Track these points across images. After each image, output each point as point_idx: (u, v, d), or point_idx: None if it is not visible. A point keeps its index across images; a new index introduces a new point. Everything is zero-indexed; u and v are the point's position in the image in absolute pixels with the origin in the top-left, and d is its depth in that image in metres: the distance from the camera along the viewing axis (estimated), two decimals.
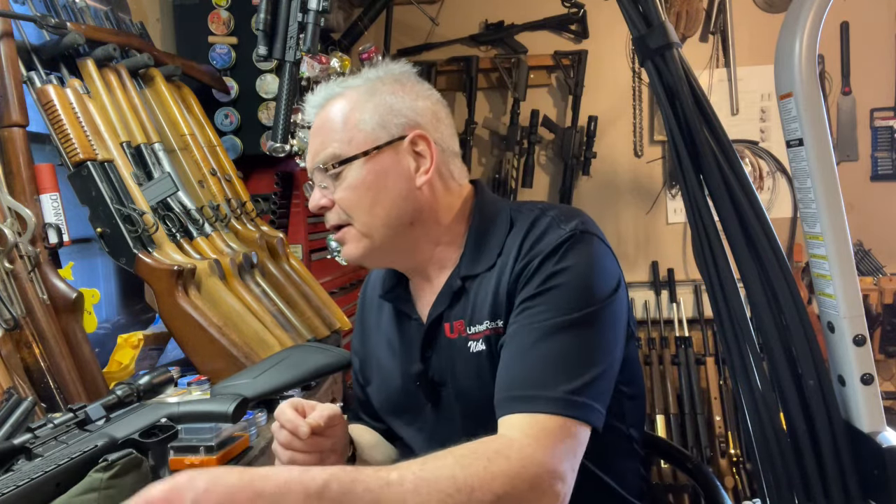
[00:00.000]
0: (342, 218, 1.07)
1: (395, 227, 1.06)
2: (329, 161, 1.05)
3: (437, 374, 1.09)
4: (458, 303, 1.08)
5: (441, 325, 1.09)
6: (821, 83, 2.03)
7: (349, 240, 1.08)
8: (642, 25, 1.61)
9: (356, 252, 1.08)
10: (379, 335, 1.21)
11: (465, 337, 1.06)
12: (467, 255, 1.09)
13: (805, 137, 1.51)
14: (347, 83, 1.10)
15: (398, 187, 1.05)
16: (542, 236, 1.02)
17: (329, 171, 1.05)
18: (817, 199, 1.52)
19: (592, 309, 0.97)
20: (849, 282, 1.51)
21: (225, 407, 1.05)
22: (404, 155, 1.06)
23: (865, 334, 1.50)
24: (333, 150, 1.05)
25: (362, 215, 1.05)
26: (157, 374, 1.10)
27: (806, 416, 1.53)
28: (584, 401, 0.91)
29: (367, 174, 1.04)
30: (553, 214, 1.06)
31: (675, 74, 1.59)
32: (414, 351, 1.11)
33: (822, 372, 1.52)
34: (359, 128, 1.05)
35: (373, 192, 1.04)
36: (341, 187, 1.05)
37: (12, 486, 0.79)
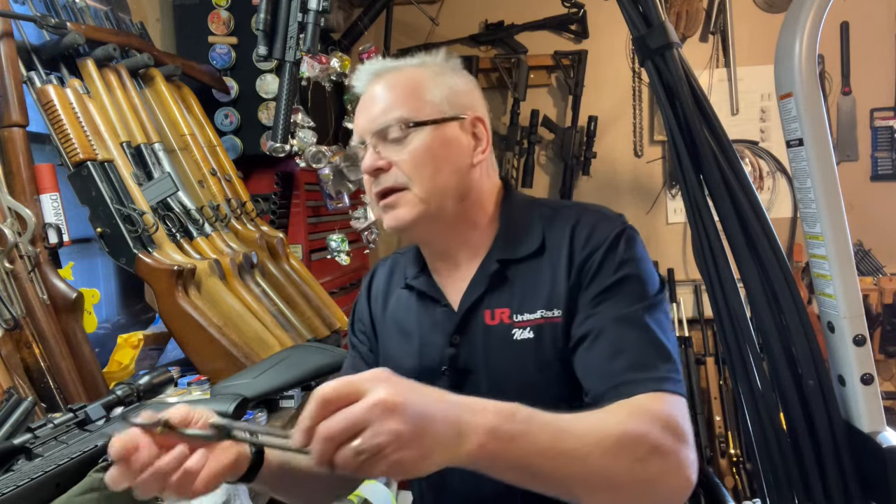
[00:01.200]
0: (399, 181, 1.06)
1: (451, 198, 1.07)
2: (397, 123, 1.06)
3: (465, 361, 1.09)
4: (500, 289, 1.08)
5: (478, 312, 1.09)
6: (821, 83, 2.04)
7: (404, 204, 1.06)
8: (642, 25, 1.61)
9: (409, 216, 1.06)
10: (386, 324, 1.20)
11: (508, 324, 1.06)
12: (500, 241, 1.11)
13: (805, 137, 1.52)
14: (404, 62, 1.13)
15: (458, 161, 1.08)
16: (596, 228, 1.07)
17: (393, 135, 1.06)
18: (817, 199, 1.52)
19: (660, 293, 1.04)
20: (849, 282, 1.51)
21: (225, 407, 1.05)
22: (466, 133, 1.10)
23: (865, 334, 1.50)
24: (401, 114, 1.06)
25: (424, 180, 1.05)
26: (157, 374, 1.10)
27: (806, 416, 1.53)
28: (677, 377, 0.97)
29: (433, 141, 1.06)
30: (595, 210, 1.12)
31: (675, 74, 1.59)
32: (439, 337, 1.11)
33: (822, 372, 1.52)
34: (426, 99, 1.08)
35: (437, 160, 1.06)
36: (405, 150, 1.06)
37: (12, 486, 0.79)
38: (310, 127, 2.17)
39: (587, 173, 3.35)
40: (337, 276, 2.52)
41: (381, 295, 1.23)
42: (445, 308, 1.12)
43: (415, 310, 1.16)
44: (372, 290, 1.25)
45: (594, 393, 0.98)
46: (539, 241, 1.09)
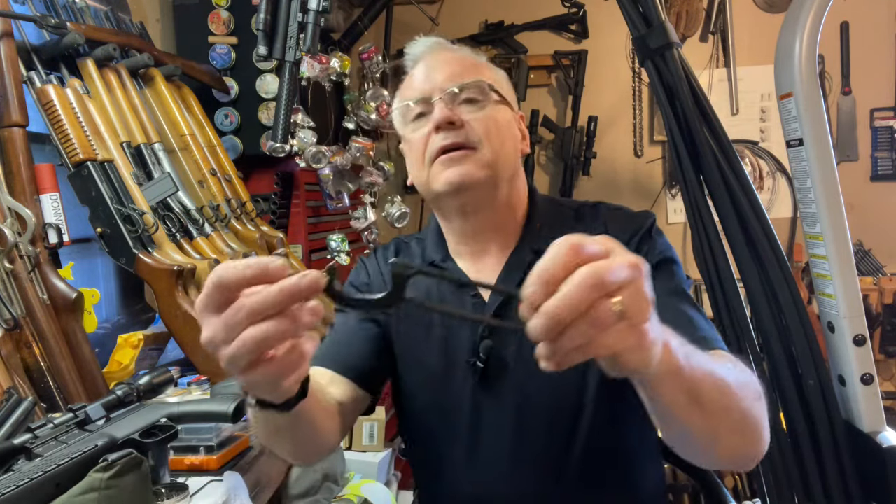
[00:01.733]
0: (471, 139, 1.05)
1: (508, 173, 1.09)
2: (484, 83, 1.08)
3: (497, 353, 1.06)
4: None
5: (512, 304, 1.04)
6: (821, 83, 2.04)
7: (473, 162, 1.05)
8: (642, 25, 1.61)
9: (478, 175, 1.04)
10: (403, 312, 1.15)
11: None
12: (531, 234, 1.12)
13: (805, 137, 1.52)
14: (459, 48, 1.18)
15: (514, 144, 1.12)
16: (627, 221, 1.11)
17: (473, 95, 1.08)
18: (817, 199, 1.52)
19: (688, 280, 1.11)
20: (849, 282, 1.51)
21: (225, 407, 1.05)
22: (516, 123, 1.14)
23: (865, 334, 1.50)
24: (479, 79, 1.09)
25: (494, 146, 1.06)
26: (157, 374, 1.10)
27: (806, 416, 1.53)
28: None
29: (503, 115, 1.10)
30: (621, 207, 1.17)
31: (675, 74, 1.59)
32: (468, 328, 1.08)
33: (822, 372, 1.52)
34: (496, 78, 1.13)
35: (504, 133, 1.09)
36: (483, 112, 1.08)
37: (12, 486, 0.79)
38: (310, 127, 2.17)
39: (587, 173, 3.35)
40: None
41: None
42: (475, 298, 1.09)
43: (436, 298, 1.12)
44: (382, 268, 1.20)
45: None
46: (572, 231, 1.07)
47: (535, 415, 1.04)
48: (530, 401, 1.05)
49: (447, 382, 1.09)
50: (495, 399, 1.06)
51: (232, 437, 1.21)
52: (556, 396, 1.04)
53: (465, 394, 1.08)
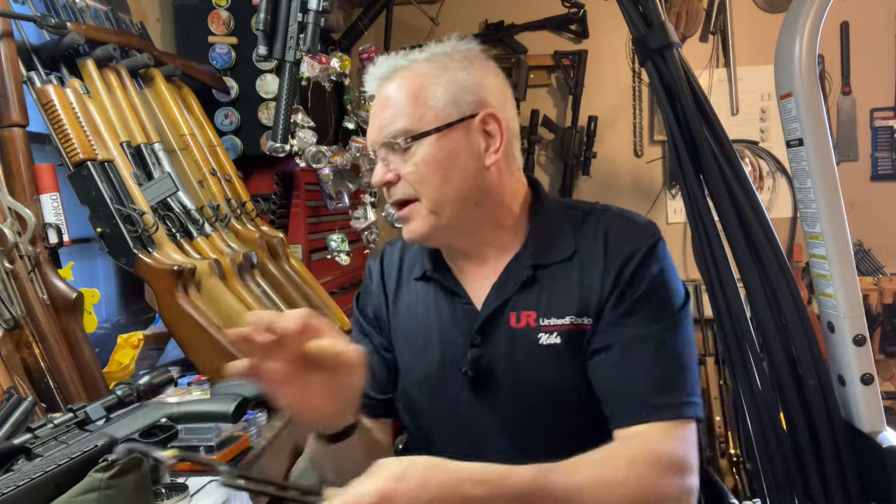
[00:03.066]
0: (409, 193, 1.04)
1: (463, 205, 1.04)
2: (398, 136, 1.02)
3: (488, 363, 1.06)
4: (528, 291, 1.06)
5: (504, 313, 1.06)
6: (821, 83, 2.03)
7: (416, 216, 1.05)
8: (642, 25, 1.61)
9: (423, 229, 1.05)
10: (398, 314, 1.17)
11: (534, 328, 1.04)
12: (532, 243, 1.08)
13: (805, 137, 1.51)
14: (412, 57, 1.08)
15: (468, 166, 1.04)
16: (628, 239, 1.05)
17: (396, 148, 1.03)
18: (817, 199, 1.52)
19: (686, 306, 1.05)
20: (849, 282, 1.51)
21: (225, 407, 1.04)
22: (475, 134, 1.04)
23: (865, 334, 1.50)
24: (403, 125, 1.03)
25: (431, 192, 1.03)
26: (157, 374, 1.10)
27: (806, 416, 1.53)
28: (695, 400, 0.99)
29: (437, 151, 1.02)
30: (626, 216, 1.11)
31: (675, 74, 1.59)
32: (459, 335, 1.08)
33: (822, 372, 1.52)
34: (430, 104, 1.03)
35: (443, 169, 1.02)
36: (410, 162, 1.03)
37: (12, 486, 0.79)
38: (310, 127, 2.17)
39: (587, 173, 3.35)
40: (337, 276, 2.52)
41: (394, 282, 1.19)
42: (467, 306, 1.09)
43: (432, 304, 1.13)
44: (385, 275, 1.21)
45: (612, 410, 1.00)
46: (572, 246, 1.06)
47: (528, 419, 1.04)
48: (521, 405, 1.05)
49: (442, 387, 1.10)
50: (488, 405, 1.07)
51: (232, 437, 1.21)
52: (547, 400, 1.04)
53: (460, 399, 1.08)
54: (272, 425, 1.39)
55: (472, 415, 1.07)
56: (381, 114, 1.05)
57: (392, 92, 1.05)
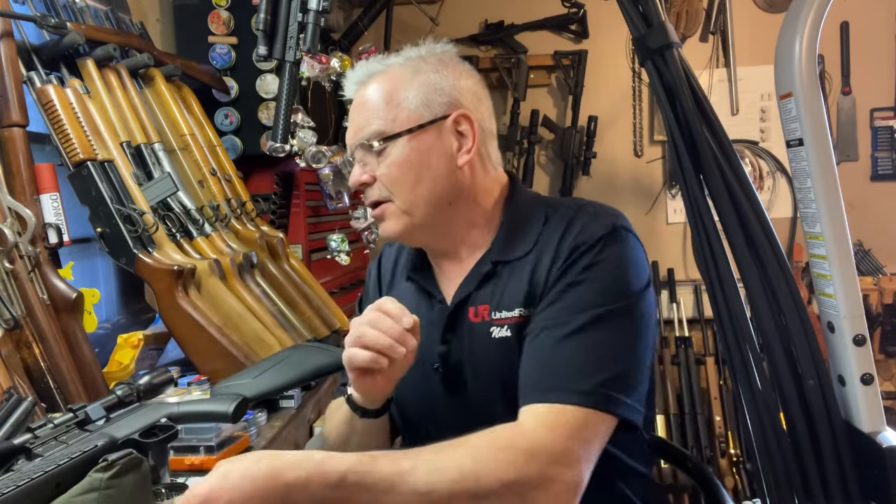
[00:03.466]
0: (383, 194, 1.07)
1: (436, 205, 1.06)
2: (372, 138, 1.06)
3: (456, 358, 1.08)
4: (486, 286, 1.08)
5: (465, 309, 1.09)
6: (821, 83, 2.03)
7: (389, 216, 1.08)
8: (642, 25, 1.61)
9: (396, 229, 1.08)
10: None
11: (487, 322, 1.06)
12: (500, 241, 1.10)
13: (805, 137, 1.51)
14: (389, 61, 1.11)
15: (440, 166, 1.06)
16: (583, 230, 1.04)
17: (372, 148, 1.06)
18: (817, 199, 1.51)
19: (627, 302, 0.99)
20: (849, 282, 1.50)
21: (225, 407, 1.04)
22: (447, 134, 1.07)
23: (865, 334, 1.50)
24: (377, 127, 1.06)
25: (404, 193, 1.05)
26: (157, 374, 1.10)
27: (806, 416, 1.53)
28: (612, 394, 0.93)
29: (410, 152, 1.05)
30: (592, 211, 1.08)
31: (675, 74, 1.59)
32: (435, 333, 1.11)
33: (822, 372, 1.52)
34: (402, 106, 1.06)
35: (416, 170, 1.05)
36: (384, 164, 1.06)
37: (12, 486, 0.79)
38: (310, 127, 2.17)
39: (587, 173, 3.35)
40: (337, 276, 2.52)
41: (388, 282, 1.23)
42: (440, 304, 1.12)
43: (415, 303, 1.15)
44: (381, 276, 1.26)
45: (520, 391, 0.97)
46: (532, 243, 1.07)
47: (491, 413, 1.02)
48: (483, 399, 1.07)
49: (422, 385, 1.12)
50: (459, 401, 1.09)
51: (232, 437, 1.21)
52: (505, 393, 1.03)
53: (436, 396, 1.11)
54: (272, 425, 1.39)
55: (447, 411, 1.10)
56: (357, 117, 1.09)
57: (367, 95, 1.09)
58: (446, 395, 1.10)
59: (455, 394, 1.10)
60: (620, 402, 0.94)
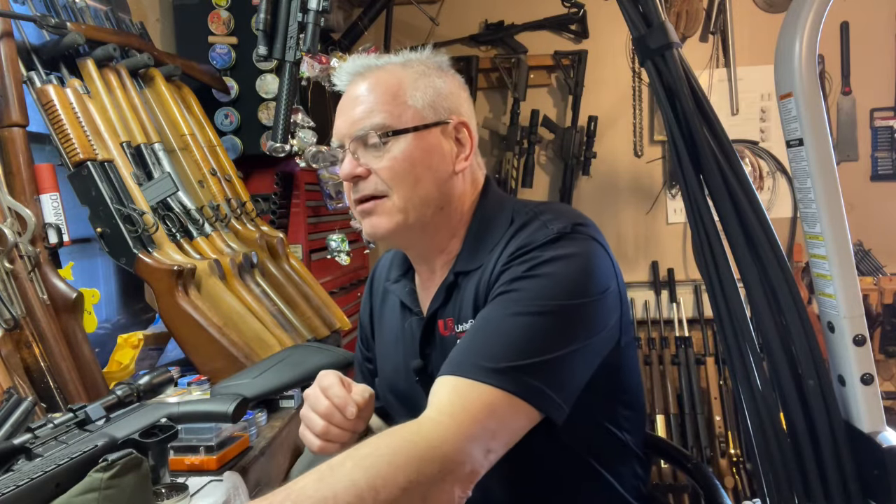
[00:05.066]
0: (379, 189, 1.03)
1: (431, 207, 1.04)
2: (377, 130, 1.02)
3: (432, 371, 1.08)
4: (451, 300, 1.07)
5: (435, 322, 1.08)
6: (821, 83, 2.03)
7: (382, 212, 1.04)
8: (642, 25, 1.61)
9: (387, 226, 1.04)
10: (382, 324, 1.21)
11: (454, 334, 1.05)
12: (465, 251, 1.08)
13: (805, 137, 1.51)
14: (387, 59, 1.09)
15: (440, 168, 1.05)
16: (529, 236, 1.00)
17: (372, 141, 1.03)
18: (817, 199, 1.51)
19: (569, 303, 0.93)
20: (849, 282, 1.50)
21: (225, 407, 1.05)
22: (448, 139, 1.06)
23: (865, 334, 1.50)
24: (380, 120, 1.03)
25: (405, 189, 1.02)
26: (157, 374, 1.10)
27: (806, 416, 1.53)
28: (532, 382, 0.87)
29: (414, 149, 1.02)
30: (547, 217, 1.03)
31: (675, 74, 1.59)
32: (414, 345, 1.10)
33: (822, 372, 1.52)
34: (409, 104, 1.04)
35: (418, 168, 1.03)
36: (386, 157, 1.02)
37: (12, 486, 0.79)
38: (310, 127, 2.17)
39: (587, 173, 3.35)
40: (337, 276, 2.52)
41: (380, 292, 1.23)
42: (417, 316, 1.12)
43: (398, 314, 1.16)
44: (374, 286, 1.25)
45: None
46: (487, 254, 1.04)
47: None
48: None
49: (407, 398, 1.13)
50: None
51: (232, 437, 1.21)
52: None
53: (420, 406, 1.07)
54: (272, 425, 1.39)
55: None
56: (354, 108, 1.05)
57: (366, 88, 1.06)
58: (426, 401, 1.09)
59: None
60: (542, 392, 0.87)
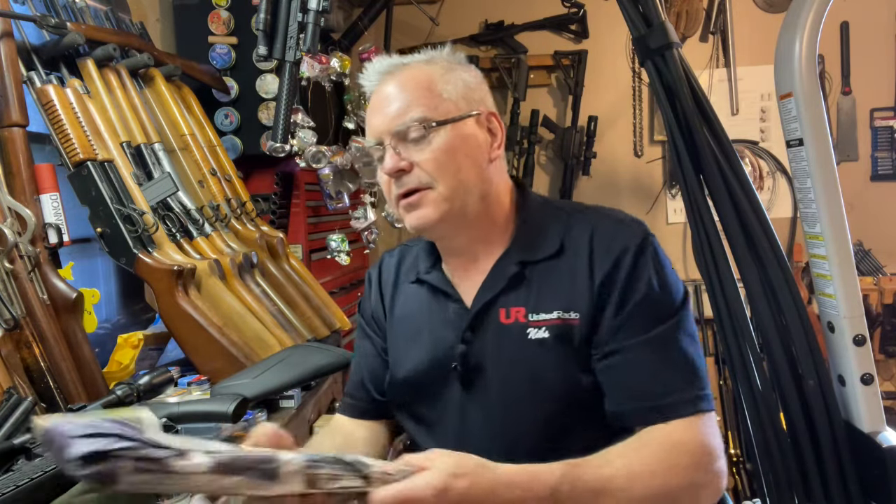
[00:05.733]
0: (423, 181, 1.05)
1: (473, 195, 1.07)
2: (418, 123, 1.05)
3: (476, 358, 1.08)
4: (517, 289, 1.09)
5: (493, 310, 1.09)
6: (821, 83, 2.03)
7: (428, 203, 1.06)
8: (642, 25, 1.61)
9: (434, 216, 1.06)
10: (397, 320, 1.20)
11: (523, 323, 1.06)
12: (520, 241, 1.11)
13: (805, 137, 1.51)
14: (412, 58, 1.12)
15: (478, 157, 1.08)
16: (616, 234, 1.07)
17: (414, 135, 1.05)
18: (817, 199, 1.52)
19: (685, 302, 1.07)
20: (849, 282, 1.51)
21: (225, 407, 1.05)
22: (482, 128, 1.09)
23: (865, 334, 1.50)
24: (421, 114, 1.05)
25: (449, 178, 1.05)
26: (157, 374, 1.10)
27: (806, 416, 1.53)
28: (706, 393, 1.02)
29: (454, 138, 1.05)
30: (607, 212, 1.13)
31: (675, 74, 1.59)
32: (451, 333, 1.11)
33: (822, 372, 1.52)
34: (443, 97, 1.07)
35: (459, 157, 1.05)
36: (428, 150, 1.05)
37: (12, 486, 0.79)
38: (310, 127, 2.17)
39: (587, 173, 3.35)
40: (337, 276, 2.52)
41: (391, 287, 1.23)
42: (458, 304, 1.12)
43: (426, 305, 1.16)
44: (382, 281, 1.25)
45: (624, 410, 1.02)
46: (558, 243, 1.09)
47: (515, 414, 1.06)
48: (509, 400, 1.07)
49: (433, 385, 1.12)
50: (476, 400, 1.09)
51: (232, 438, 1.21)
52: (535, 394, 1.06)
53: (450, 396, 1.11)
54: None
55: (461, 411, 1.10)
56: (389, 105, 1.07)
57: (398, 85, 1.08)
58: (464, 394, 1.10)
59: (474, 393, 1.09)
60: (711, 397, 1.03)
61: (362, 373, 1.23)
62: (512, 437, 1.05)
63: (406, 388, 1.16)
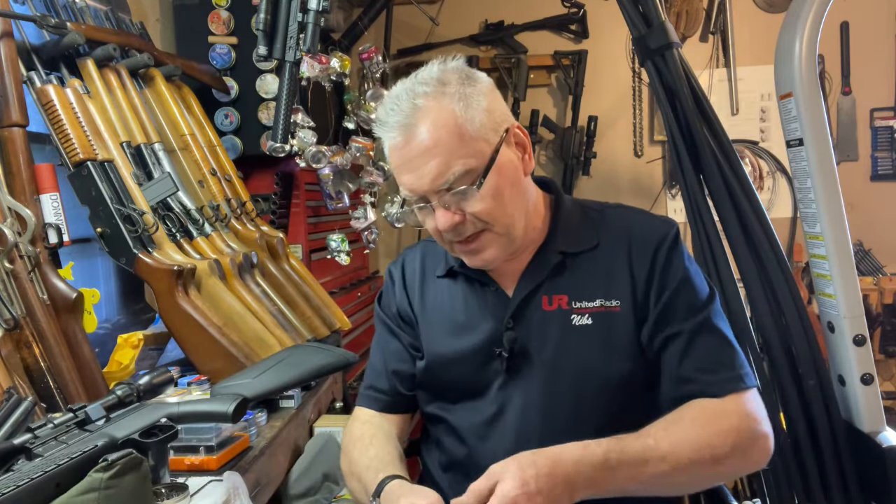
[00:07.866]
0: (478, 226, 1.08)
1: (522, 218, 1.11)
2: (464, 180, 1.03)
3: (521, 344, 1.12)
4: (558, 278, 1.13)
5: (536, 298, 1.13)
6: (821, 83, 2.04)
7: (489, 245, 1.09)
8: (642, 25, 1.61)
9: (498, 254, 1.10)
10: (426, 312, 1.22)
11: (566, 310, 1.11)
12: (559, 234, 1.15)
13: (805, 137, 1.51)
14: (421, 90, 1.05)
15: (517, 180, 1.10)
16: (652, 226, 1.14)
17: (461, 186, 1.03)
18: (817, 199, 1.52)
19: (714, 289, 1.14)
20: (849, 282, 1.51)
21: (225, 407, 1.04)
22: (511, 148, 1.10)
23: (865, 334, 1.50)
24: (463, 167, 1.03)
25: (502, 217, 1.07)
26: (157, 374, 1.10)
27: (806, 416, 1.53)
28: (748, 370, 1.10)
29: (499, 178, 1.06)
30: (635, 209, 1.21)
31: (675, 74, 1.59)
32: (491, 320, 1.14)
33: (822, 372, 1.52)
34: (476, 137, 1.04)
35: (506, 193, 1.07)
36: (478, 199, 1.04)
37: (12, 486, 0.79)
38: (310, 127, 2.17)
39: (587, 173, 3.35)
40: (337, 276, 2.52)
41: (418, 282, 1.25)
42: (496, 292, 1.16)
43: (461, 295, 1.19)
44: (406, 277, 1.26)
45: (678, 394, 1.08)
46: (594, 237, 1.14)
47: (557, 397, 1.10)
48: (552, 384, 1.11)
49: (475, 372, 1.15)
50: (520, 385, 1.12)
51: (232, 437, 1.21)
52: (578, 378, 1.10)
53: (493, 381, 1.14)
54: (272, 425, 1.39)
55: (501, 395, 1.13)
56: (425, 162, 1.03)
57: (425, 136, 1.03)
58: (508, 378, 1.13)
59: (518, 377, 1.13)
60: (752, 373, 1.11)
61: (387, 367, 1.25)
62: (551, 421, 1.09)
63: (443, 375, 1.19)
